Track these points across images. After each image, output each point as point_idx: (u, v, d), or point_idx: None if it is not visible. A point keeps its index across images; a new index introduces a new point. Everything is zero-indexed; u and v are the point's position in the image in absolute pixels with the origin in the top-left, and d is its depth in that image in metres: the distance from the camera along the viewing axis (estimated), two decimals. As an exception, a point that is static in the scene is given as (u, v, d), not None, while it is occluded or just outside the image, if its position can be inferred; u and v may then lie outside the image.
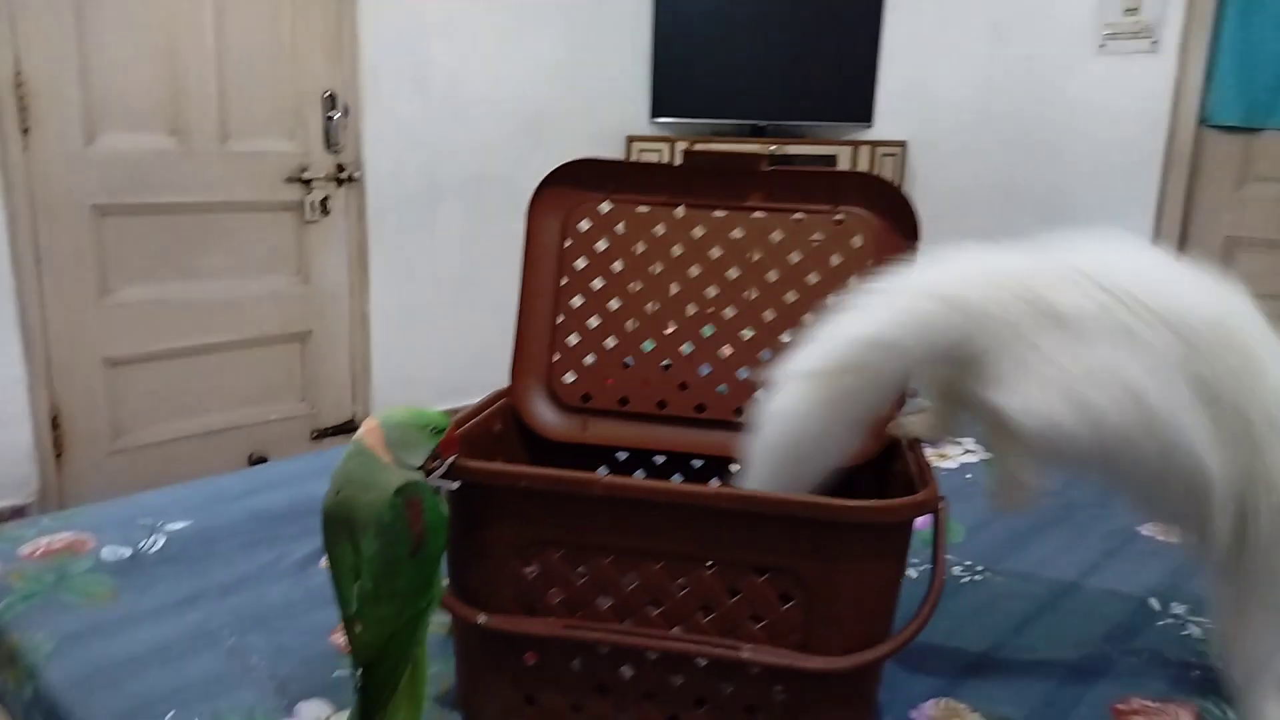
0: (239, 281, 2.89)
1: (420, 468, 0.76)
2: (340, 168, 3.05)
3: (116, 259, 2.64)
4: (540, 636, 0.83)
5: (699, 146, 3.56)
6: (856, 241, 1.03)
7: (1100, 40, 3.31)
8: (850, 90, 3.86)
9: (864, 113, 3.88)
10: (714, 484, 1.12)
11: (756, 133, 3.89)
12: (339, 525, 0.73)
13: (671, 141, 3.72)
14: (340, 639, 1.01)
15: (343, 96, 3.03)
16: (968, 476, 1.58)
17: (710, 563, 0.80)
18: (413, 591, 0.74)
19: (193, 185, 2.74)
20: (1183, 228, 3.25)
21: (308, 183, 2.98)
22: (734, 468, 1.11)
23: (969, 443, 1.77)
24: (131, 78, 2.59)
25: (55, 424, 2.58)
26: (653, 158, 3.75)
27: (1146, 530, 1.37)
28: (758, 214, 1.06)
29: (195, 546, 1.23)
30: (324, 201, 3.03)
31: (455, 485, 0.80)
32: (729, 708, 0.83)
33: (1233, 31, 3.03)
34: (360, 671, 0.74)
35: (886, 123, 3.90)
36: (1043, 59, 3.47)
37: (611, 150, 3.85)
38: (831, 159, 3.65)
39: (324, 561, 1.19)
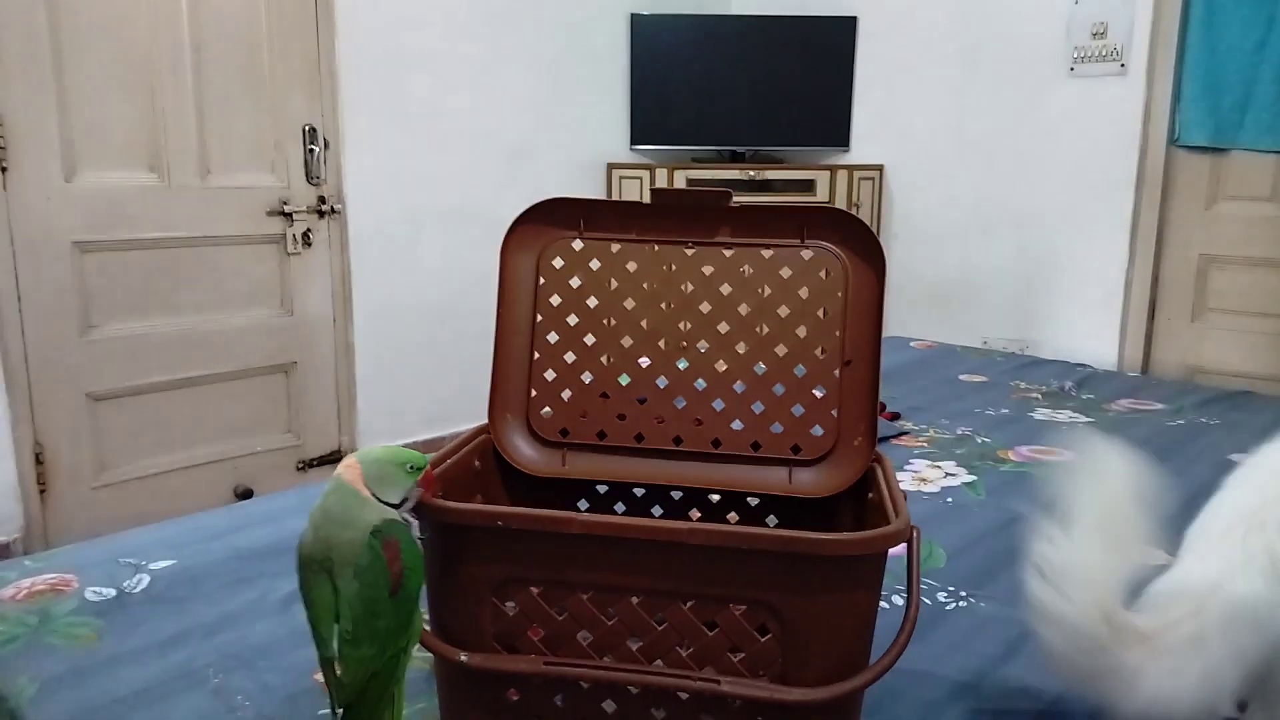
0: (223, 314, 2.89)
1: (398, 506, 0.77)
2: (322, 200, 3.07)
3: (98, 294, 2.64)
4: (522, 674, 0.84)
5: (671, 183, 3.60)
6: (824, 274, 1.05)
7: (1070, 63, 3.38)
8: (826, 115, 3.91)
9: (841, 137, 3.93)
10: (694, 514, 1.14)
11: (735, 159, 3.93)
12: (317, 564, 0.74)
13: (652, 169, 3.75)
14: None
15: (323, 130, 3.05)
16: (949, 501, 1.60)
17: (688, 596, 0.81)
18: (393, 631, 0.74)
19: (174, 220, 2.75)
20: (1157, 246, 3.31)
21: (289, 215, 3.00)
22: (714, 498, 1.13)
23: (950, 465, 1.79)
24: (110, 114, 2.61)
25: (39, 460, 2.57)
26: (633, 186, 3.79)
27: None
28: (728, 249, 1.08)
29: (179, 585, 1.24)
30: (306, 234, 3.05)
31: (428, 524, 0.81)
32: (709, 740, 0.84)
33: (1197, 53, 3.10)
34: (341, 713, 0.75)
35: (863, 147, 3.96)
36: (1014, 82, 3.53)
37: (592, 178, 3.89)
38: (810, 184, 3.70)
39: (306, 600, 1.20)
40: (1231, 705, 0.89)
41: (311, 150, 3.02)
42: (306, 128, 3.01)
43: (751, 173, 3.71)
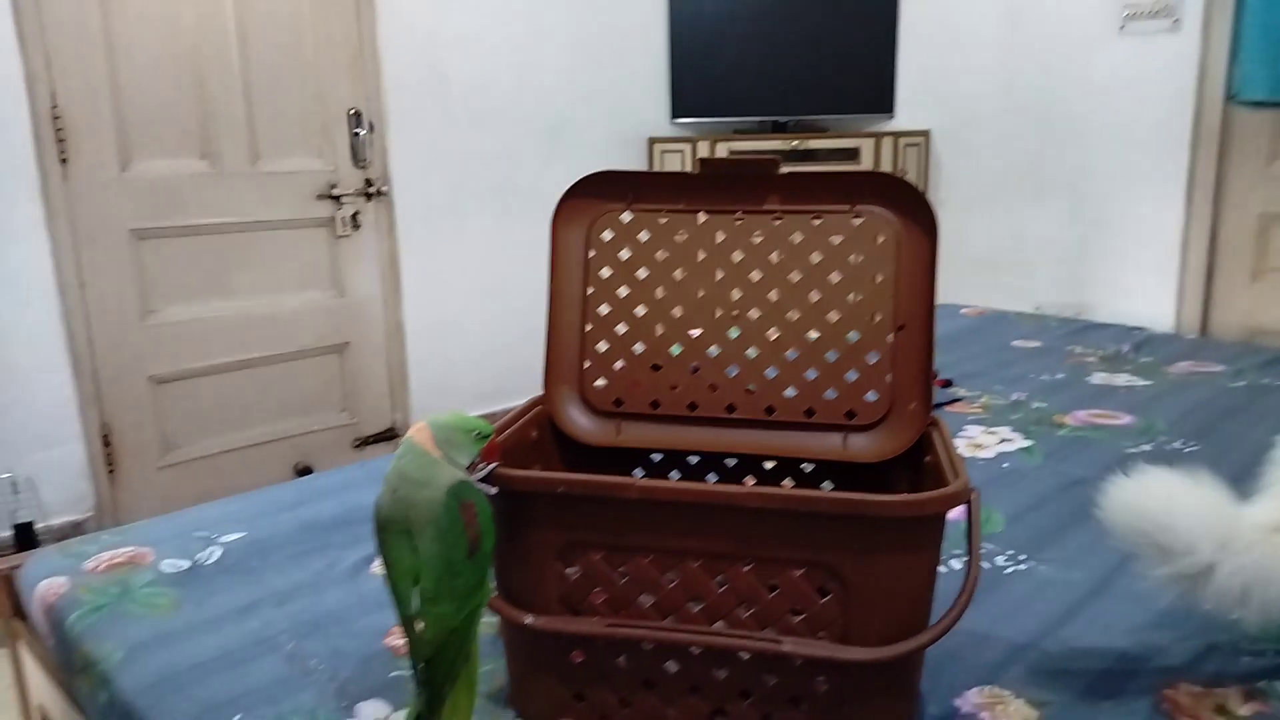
0: (276, 297, 2.96)
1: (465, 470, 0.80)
2: (369, 183, 3.11)
3: (157, 280, 2.71)
4: (586, 635, 0.86)
5: (713, 155, 3.58)
6: (876, 240, 1.05)
7: (1120, 21, 3.29)
8: (870, 81, 3.85)
9: (885, 103, 3.87)
10: (748, 482, 1.15)
11: (778, 129, 3.89)
12: (396, 525, 0.77)
13: (693, 142, 3.73)
14: (394, 641, 1.05)
15: (367, 113, 3.08)
16: (1005, 466, 1.59)
17: (747, 560, 0.83)
18: (469, 589, 0.77)
19: (227, 206, 2.81)
20: (1214, 206, 3.22)
21: (338, 199, 3.04)
22: (768, 464, 1.14)
23: (1005, 431, 1.78)
24: (162, 105, 2.66)
25: (106, 441, 2.66)
26: (675, 159, 3.77)
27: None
28: (777, 216, 1.08)
29: (250, 557, 1.28)
30: (354, 216, 3.09)
31: (493, 491, 0.83)
32: (773, 699, 0.85)
33: (1256, 6, 2.99)
34: (422, 666, 0.78)
35: (908, 112, 3.89)
36: (1062, 42, 3.45)
37: (634, 152, 3.88)
38: (854, 152, 3.65)
39: (375, 565, 1.23)
40: None
41: (357, 134, 3.06)
42: (351, 111, 3.04)
43: (795, 142, 3.68)
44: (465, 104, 3.34)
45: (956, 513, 0.90)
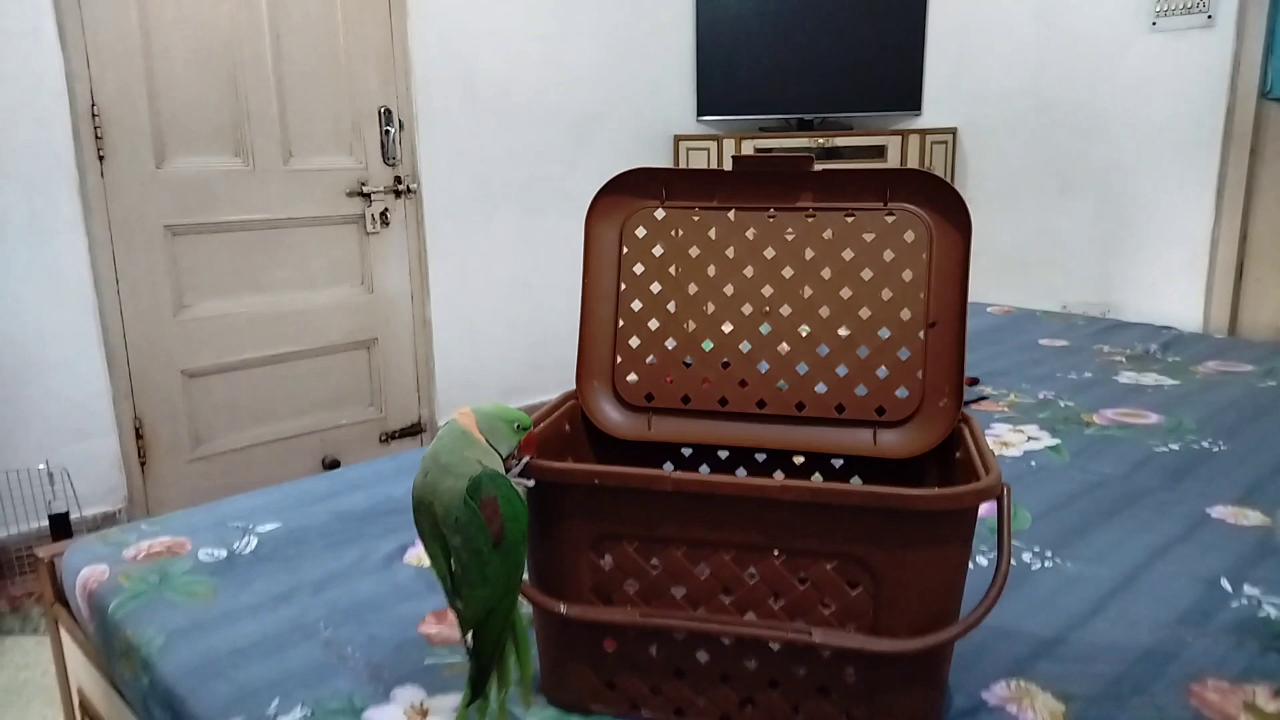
0: (307, 293, 2.99)
1: (503, 460, 0.82)
2: (398, 180, 3.14)
3: (190, 275, 2.76)
4: (618, 624, 0.87)
5: (747, 154, 3.58)
6: (909, 237, 1.05)
7: (1152, 18, 3.26)
8: (897, 79, 3.84)
9: (912, 101, 3.86)
10: (777, 477, 1.15)
11: (804, 127, 3.89)
12: (424, 509, 0.79)
13: (719, 139, 3.74)
14: (429, 629, 1.07)
15: (397, 111, 3.11)
16: (1032, 464, 1.59)
17: (778, 552, 0.84)
18: (504, 572, 0.79)
19: (259, 203, 2.85)
20: (1245, 206, 3.18)
21: (368, 196, 3.07)
22: (797, 459, 1.15)
23: (1032, 429, 1.77)
24: (196, 103, 2.71)
25: (139, 434, 2.70)
26: (700, 156, 3.78)
27: (1216, 514, 1.36)
28: (810, 213, 1.09)
29: (286, 546, 1.30)
30: (384, 213, 3.12)
31: (531, 483, 0.85)
32: (802, 689, 0.86)
33: (1292, 1, 2.96)
34: (470, 635, 0.80)
35: (935, 110, 3.88)
36: (1092, 39, 3.42)
37: (659, 150, 3.89)
38: (881, 149, 3.64)
39: (408, 555, 1.26)
40: None
41: (387, 131, 3.09)
42: (382, 109, 3.08)
43: (820, 140, 3.67)
44: (493, 102, 3.37)
45: (985, 509, 0.90)
